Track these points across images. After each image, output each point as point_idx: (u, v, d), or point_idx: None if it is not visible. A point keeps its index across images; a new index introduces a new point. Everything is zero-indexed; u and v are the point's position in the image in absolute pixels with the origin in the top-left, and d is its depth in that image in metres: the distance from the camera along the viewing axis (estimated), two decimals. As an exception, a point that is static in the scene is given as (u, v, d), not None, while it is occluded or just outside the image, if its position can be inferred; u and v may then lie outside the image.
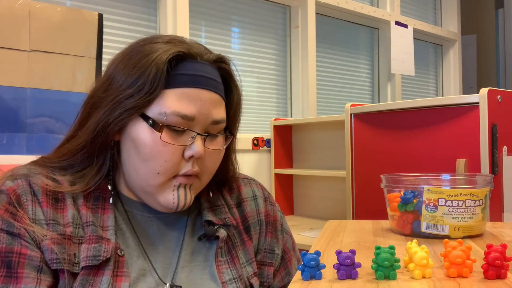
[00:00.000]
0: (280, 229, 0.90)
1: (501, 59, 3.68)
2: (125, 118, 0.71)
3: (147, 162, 0.72)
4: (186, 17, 2.21)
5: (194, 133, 0.72)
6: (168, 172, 0.72)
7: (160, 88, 0.71)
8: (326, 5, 2.82)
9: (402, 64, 3.15)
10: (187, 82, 0.72)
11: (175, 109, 0.71)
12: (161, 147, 0.71)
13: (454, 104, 1.50)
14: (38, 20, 1.42)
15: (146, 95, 0.71)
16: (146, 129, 0.71)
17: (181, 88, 0.72)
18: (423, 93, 3.68)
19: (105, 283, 0.67)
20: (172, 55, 0.72)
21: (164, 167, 0.71)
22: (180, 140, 0.72)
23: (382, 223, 0.88)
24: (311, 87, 2.69)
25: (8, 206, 0.69)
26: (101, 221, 0.72)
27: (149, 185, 0.73)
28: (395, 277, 0.52)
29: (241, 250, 0.81)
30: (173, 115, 0.71)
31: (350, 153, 1.87)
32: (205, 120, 0.73)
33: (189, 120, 0.72)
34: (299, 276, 0.53)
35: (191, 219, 0.81)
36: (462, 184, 0.74)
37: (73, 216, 0.71)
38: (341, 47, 3.07)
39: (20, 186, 0.71)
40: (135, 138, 0.72)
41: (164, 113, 0.71)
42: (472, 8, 3.90)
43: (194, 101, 0.72)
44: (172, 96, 0.71)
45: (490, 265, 0.51)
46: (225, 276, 0.76)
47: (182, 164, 0.73)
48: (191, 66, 0.74)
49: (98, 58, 1.55)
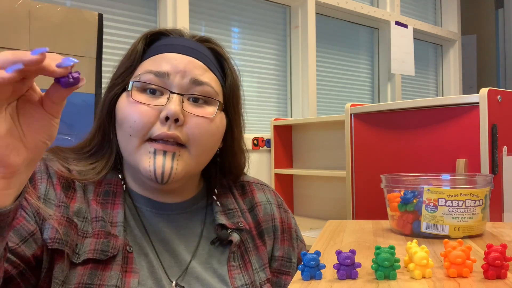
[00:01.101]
0: (295, 237, 0.88)
1: (501, 59, 3.68)
2: (113, 96, 0.74)
3: (121, 127, 0.71)
4: (186, 17, 2.21)
5: (169, 92, 0.70)
6: (140, 134, 0.69)
7: (137, 60, 0.74)
8: (326, 5, 2.82)
9: (402, 64, 3.15)
10: (162, 50, 0.74)
11: (147, 67, 0.72)
12: (132, 108, 0.70)
13: (454, 104, 1.50)
14: (38, 20, 1.42)
15: (127, 70, 0.74)
16: (123, 96, 0.73)
17: (157, 54, 0.74)
18: (423, 93, 3.68)
19: (114, 278, 0.66)
20: (150, 32, 0.76)
21: (134, 128, 0.69)
22: (156, 102, 0.70)
23: (382, 223, 0.88)
24: (311, 87, 2.69)
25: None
26: (110, 217, 0.72)
27: (129, 155, 0.72)
28: (395, 277, 0.52)
29: (254, 256, 0.80)
30: (146, 73, 0.71)
31: (350, 153, 1.87)
32: (181, 77, 0.71)
33: (163, 78, 0.71)
34: (299, 276, 0.53)
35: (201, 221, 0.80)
36: (462, 184, 0.74)
37: (80, 210, 0.70)
38: (341, 47, 3.07)
39: (37, 167, 0.71)
40: (116, 110, 0.73)
41: (138, 75, 0.72)
42: (472, 8, 3.90)
43: (169, 61, 0.72)
44: (147, 62, 0.74)
45: (490, 265, 0.51)
46: (237, 282, 0.74)
47: (155, 126, 0.69)
48: (168, 39, 0.76)
49: (98, 58, 1.55)
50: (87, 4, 2.00)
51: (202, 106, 0.73)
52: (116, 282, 0.66)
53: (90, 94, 1.52)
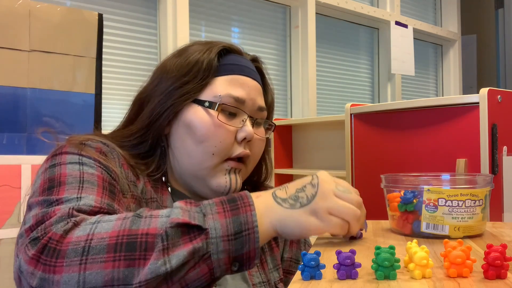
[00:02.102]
0: (303, 241, 0.94)
1: (501, 59, 3.68)
2: (179, 104, 0.77)
3: (202, 144, 0.76)
4: (186, 17, 2.21)
5: (246, 116, 0.78)
6: (222, 153, 0.76)
7: (212, 75, 0.78)
8: (326, 5, 2.82)
9: (402, 64, 3.15)
10: (235, 70, 0.80)
11: (228, 91, 0.77)
12: (216, 128, 0.75)
13: (454, 104, 1.50)
14: (38, 20, 1.42)
15: (200, 81, 0.77)
16: (201, 111, 0.77)
17: (230, 75, 0.79)
18: (423, 93, 3.68)
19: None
20: (220, 48, 0.80)
21: (219, 148, 0.75)
22: (233, 123, 0.77)
23: (382, 223, 0.88)
24: (311, 87, 2.69)
25: (99, 154, 0.71)
26: (161, 200, 0.77)
27: (202, 168, 0.76)
28: (395, 277, 0.52)
29: (269, 256, 0.85)
30: (227, 96, 0.77)
31: (350, 153, 1.86)
32: (252, 105, 0.79)
33: (240, 103, 0.78)
34: (299, 276, 0.53)
35: None
36: (462, 184, 0.74)
37: (143, 190, 0.75)
38: (341, 47, 3.07)
39: (104, 146, 0.74)
40: (190, 121, 0.76)
41: (219, 96, 0.77)
42: (472, 8, 3.90)
43: (243, 86, 0.79)
44: (222, 82, 0.78)
45: (490, 265, 0.51)
46: (255, 279, 0.79)
47: (235, 146, 0.77)
48: (236, 58, 0.82)
49: (98, 58, 1.55)
50: (87, 4, 2.00)
51: (260, 127, 0.83)
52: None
53: (90, 94, 1.52)
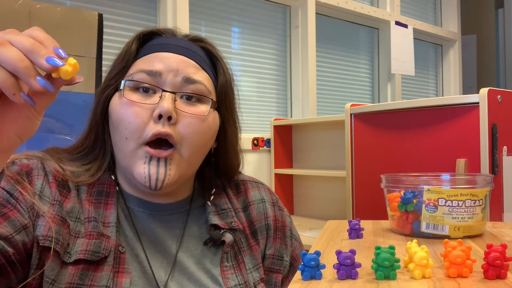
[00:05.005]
0: (289, 235, 0.88)
1: (501, 59, 3.67)
2: (105, 98, 0.73)
3: (117, 129, 0.71)
4: (186, 17, 2.21)
5: (161, 90, 0.70)
6: (135, 136, 0.68)
7: (131, 60, 0.74)
8: (326, 5, 2.82)
9: (402, 64, 3.15)
10: (155, 49, 0.74)
11: (140, 67, 0.72)
12: (126, 108, 0.69)
13: (454, 104, 1.50)
14: (38, 20, 1.42)
15: (121, 70, 0.73)
16: (116, 96, 0.73)
17: (150, 54, 0.74)
18: (423, 93, 3.68)
19: (104, 279, 0.66)
20: (143, 32, 0.76)
21: (130, 130, 0.68)
22: (148, 100, 0.70)
23: (382, 223, 0.88)
24: (311, 87, 2.69)
25: (16, 175, 0.68)
26: (103, 217, 0.71)
27: (124, 157, 0.71)
28: (395, 277, 0.52)
29: (247, 255, 0.80)
30: (138, 72, 0.71)
31: (350, 153, 1.87)
32: (174, 76, 0.71)
33: (156, 77, 0.71)
34: (299, 276, 0.53)
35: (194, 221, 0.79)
36: (462, 184, 0.74)
37: (73, 209, 0.70)
38: (341, 47, 3.07)
39: (34, 164, 0.71)
40: (109, 111, 0.73)
41: (131, 74, 0.72)
42: (472, 8, 3.90)
43: (161, 60, 0.72)
44: (140, 62, 0.74)
45: (490, 265, 0.51)
46: (230, 282, 0.74)
47: (150, 126, 0.68)
48: (160, 39, 0.77)
49: (98, 58, 1.55)
50: (87, 4, 2.00)
51: (195, 104, 0.73)
52: (106, 283, 0.66)
53: (90, 94, 1.52)
